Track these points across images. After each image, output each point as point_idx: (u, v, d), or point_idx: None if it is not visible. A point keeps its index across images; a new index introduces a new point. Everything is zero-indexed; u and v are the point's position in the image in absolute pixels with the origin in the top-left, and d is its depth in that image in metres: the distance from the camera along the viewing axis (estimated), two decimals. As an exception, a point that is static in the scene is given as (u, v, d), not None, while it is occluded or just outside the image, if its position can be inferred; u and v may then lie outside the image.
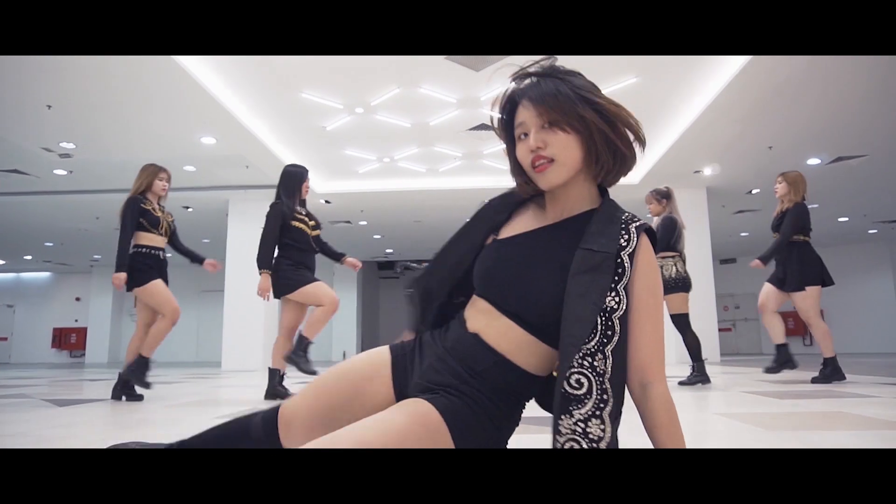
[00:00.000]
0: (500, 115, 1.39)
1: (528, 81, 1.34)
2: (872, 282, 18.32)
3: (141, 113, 7.84)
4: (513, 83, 1.37)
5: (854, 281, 18.53)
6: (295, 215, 4.55)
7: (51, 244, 17.28)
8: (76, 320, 22.63)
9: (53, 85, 6.93)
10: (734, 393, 4.50)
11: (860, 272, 18.49)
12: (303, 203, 4.77)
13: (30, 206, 12.60)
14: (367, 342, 20.84)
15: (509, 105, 1.37)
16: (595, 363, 1.16)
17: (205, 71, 6.98)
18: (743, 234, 16.42)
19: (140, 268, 4.62)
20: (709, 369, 8.37)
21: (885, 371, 7.01)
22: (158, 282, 4.68)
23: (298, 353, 4.35)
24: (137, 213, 4.68)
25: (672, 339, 11.41)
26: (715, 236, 15.19)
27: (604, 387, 1.15)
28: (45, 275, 23.10)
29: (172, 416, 3.55)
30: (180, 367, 14.40)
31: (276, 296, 4.45)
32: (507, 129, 1.38)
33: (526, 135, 1.30)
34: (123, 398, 4.52)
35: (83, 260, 20.16)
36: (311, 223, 4.69)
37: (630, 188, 11.41)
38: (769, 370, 5.36)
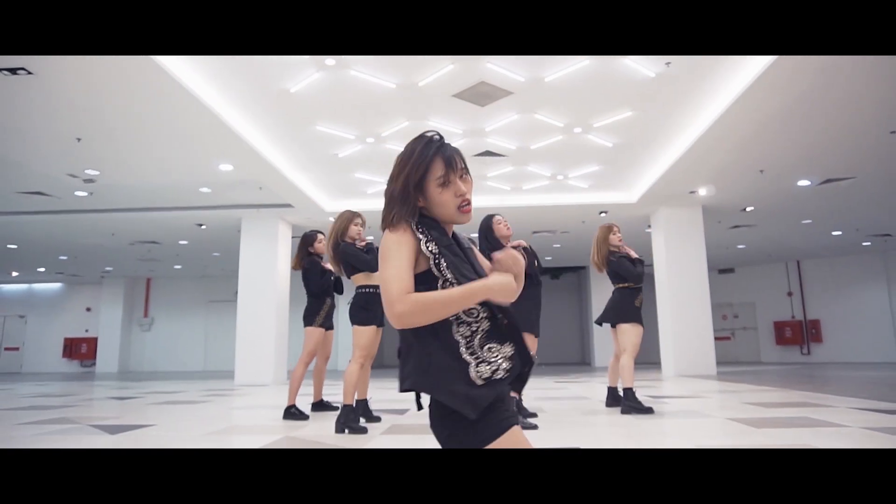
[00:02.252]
0: (416, 170, 1.58)
1: (435, 142, 1.60)
2: (868, 293, 18.73)
3: (165, 145, 8.29)
4: (420, 147, 1.58)
5: (850, 292, 18.97)
6: None
7: (65, 258, 17.77)
8: (86, 330, 23.11)
9: (85, 119, 7.37)
10: (718, 420, 4.91)
11: (856, 283, 18.93)
12: None
13: (49, 224, 13.08)
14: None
15: (425, 163, 1.57)
16: None
17: (227, 107, 7.42)
18: (740, 246, 16.83)
19: (363, 306, 4.87)
20: (704, 384, 8.78)
21: (869, 392, 7.39)
22: (373, 329, 4.89)
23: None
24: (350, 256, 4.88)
25: (671, 348, 11.82)
26: (713, 248, 15.64)
27: None
28: (56, 285, 23.58)
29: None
30: (191, 378, 14.76)
31: None
32: (421, 180, 1.57)
33: (448, 183, 1.56)
34: (346, 430, 4.54)
35: (94, 271, 20.66)
36: None
37: (629, 206, 11.87)
38: (624, 412, 5.43)
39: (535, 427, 4.46)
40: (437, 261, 1.53)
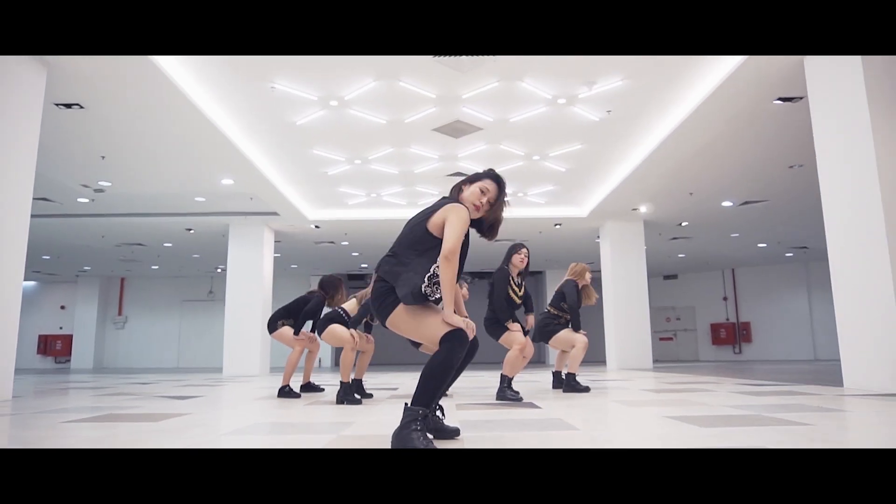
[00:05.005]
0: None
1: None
2: (791, 298, 21.00)
3: (177, 161, 9.53)
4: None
5: (776, 297, 21.14)
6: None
7: (48, 257, 18.49)
8: (61, 328, 23.78)
9: (113, 140, 8.55)
10: (634, 391, 6.40)
11: (781, 290, 21.13)
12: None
13: (44, 227, 13.94)
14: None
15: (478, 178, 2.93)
16: None
17: (238, 132, 8.73)
18: (680, 255, 18.61)
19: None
20: (638, 373, 10.29)
21: (759, 377, 8.97)
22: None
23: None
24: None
25: (614, 345, 13.35)
26: (658, 255, 17.34)
27: None
28: (30, 283, 24.07)
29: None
30: (177, 372, 15.62)
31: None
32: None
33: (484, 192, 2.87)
34: (344, 402, 5.27)
35: (72, 270, 21.37)
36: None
37: (580, 220, 13.44)
38: (565, 391, 6.43)
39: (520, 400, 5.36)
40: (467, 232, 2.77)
